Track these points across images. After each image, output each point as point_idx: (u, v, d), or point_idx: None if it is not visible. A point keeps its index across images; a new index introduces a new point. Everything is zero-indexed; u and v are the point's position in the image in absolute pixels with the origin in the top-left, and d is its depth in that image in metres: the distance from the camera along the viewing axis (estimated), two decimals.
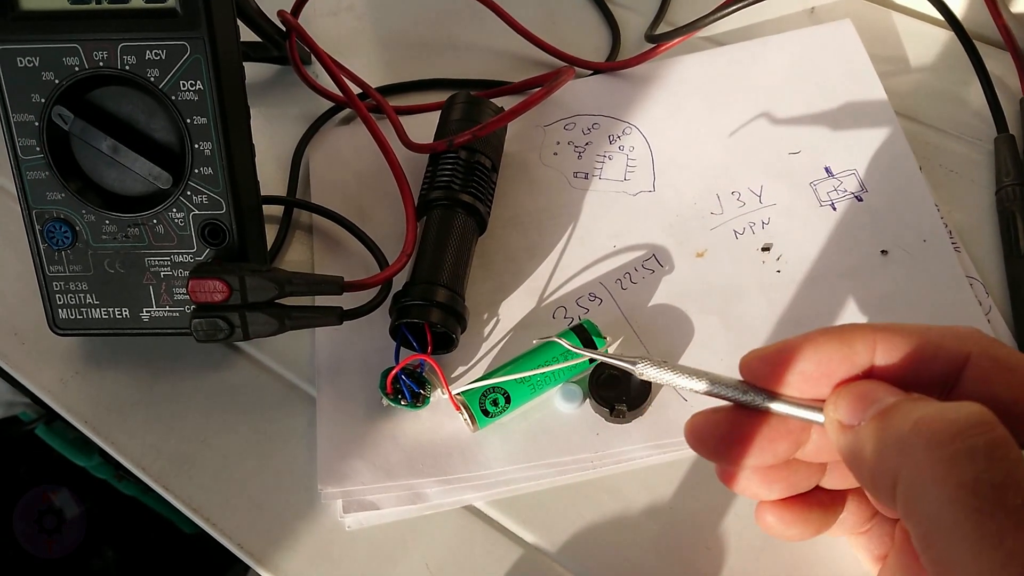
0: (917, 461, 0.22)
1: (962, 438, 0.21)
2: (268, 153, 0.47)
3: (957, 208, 0.44)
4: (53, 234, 0.37)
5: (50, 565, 0.82)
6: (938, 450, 0.22)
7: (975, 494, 0.21)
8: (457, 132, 0.42)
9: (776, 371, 0.27)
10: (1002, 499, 0.20)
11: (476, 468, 0.37)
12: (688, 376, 0.28)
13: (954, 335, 0.26)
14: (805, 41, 0.49)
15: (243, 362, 0.41)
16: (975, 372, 0.25)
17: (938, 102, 0.48)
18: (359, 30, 0.54)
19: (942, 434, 0.22)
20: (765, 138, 0.46)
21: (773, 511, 0.30)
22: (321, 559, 0.35)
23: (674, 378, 0.29)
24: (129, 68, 0.35)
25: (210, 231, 0.37)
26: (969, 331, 0.26)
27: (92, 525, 0.86)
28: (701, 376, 0.28)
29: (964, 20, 0.48)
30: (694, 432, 0.29)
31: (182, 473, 0.38)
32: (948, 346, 0.26)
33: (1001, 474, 0.21)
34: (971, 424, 0.22)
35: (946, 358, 0.26)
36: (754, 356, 0.28)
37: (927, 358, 0.26)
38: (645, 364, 0.29)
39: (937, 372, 0.26)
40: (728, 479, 0.30)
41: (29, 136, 0.36)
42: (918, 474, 0.22)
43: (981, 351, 0.25)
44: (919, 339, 0.26)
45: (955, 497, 0.21)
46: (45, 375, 0.41)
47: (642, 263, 0.42)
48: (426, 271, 0.39)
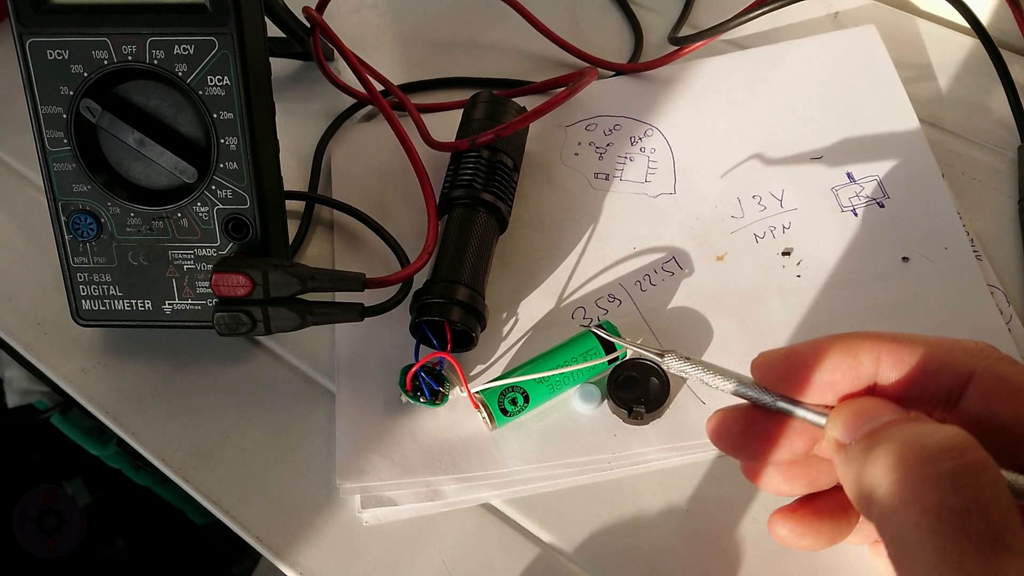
0: (889, 483, 0.23)
1: (932, 463, 0.22)
2: (290, 149, 0.48)
3: (979, 216, 0.44)
4: (78, 226, 0.38)
5: (50, 565, 0.82)
6: (909, 474, 0.22)
7: (938, 519, 0.21)
8: (479, 131, 0.42)
9: (784, 375, 0.28)
10: (964, 525, 0.21)
11: (493, 466, 0.37)
12: (711, 373, 0.30)
13: (962, 349, 0.26)
14: (829, 46, 0.49)
15: (264, 356, 0.41)
16: (978, 389, 0.26)
17: (962, 109, 0.48)
18: (382, 27, 0.54)
19: (913, 460, 0.22)
20: (787, 142, 0.46)
21: (785, 522, 0.30)
22: (339, 553, 0.36)
23: (697, 373, 0.30)
24: (157, 62, 0.35)
25: (234, 225, 0.37)
26: (977, 346, 0.26)
27: (103, 514, 0.86)
28: (723, 374, 0.29)
29: (989, 27, 0.48)
30: (714, 428, 0.30)
31: (202, 465, 0.38)
32: (954, 361, 0.26)
33: (965, 500, 0.21)
34: (943, 449, 0.22)
35: (951, 373, 0.26)
36: (764, 359, 0.28)
37: (932, 372, 0.26)
38: (671, 357, 0.31)
39: (942, 386, 0.26)
40: (751, 475, 0.31)
41: (57, 128, 0.36)
42: (889, 496, 0.23)
43: (986, 368, 0.26)
44: (925, 352, 0.26)
45: (919, 522, 0.22)
46: (67, 365, 0.41)
47: (662, 265, 0.42)
48: (447, 269, 0.39)
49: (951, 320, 0.39)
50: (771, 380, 0.28)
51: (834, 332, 0.39)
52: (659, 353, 0.31)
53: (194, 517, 0.84)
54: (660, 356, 0.31)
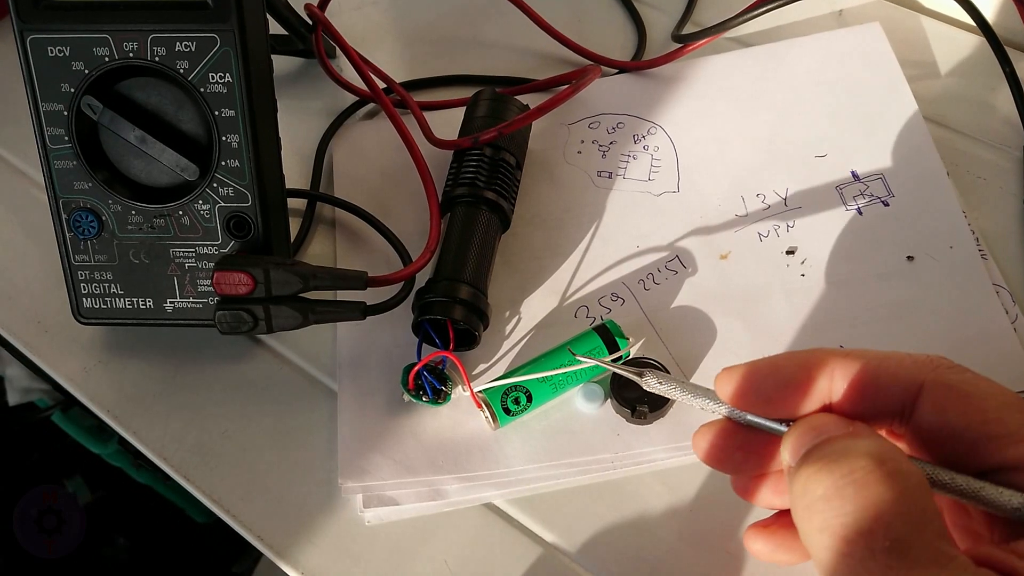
0: (804, 505, 0.23)
1: (841, 482, 0.23)
2: (292, 146, 0.47)
3: (984, 215, 0.43)
4: (79, 223, 0.37)
5: (50, 564, 0.82)
6: (819, 494, 0.23)
7: (845, 541, 0.22)
8: (482, 129, 0.42)
9: (744, 391, 0.28)
10: (869, 544, 0.21)
11: (496, 466, 0.37)
12: (687, 392, 0.30)
13: (912, 362, 0.27)
14: (833, 44, 0.49)
15: (265, 355, 0.41)
16: (929, 399, 0.26)
17: (967, 108, 0.48)
18: (384, 24, 0.54)
19: (825, 480, 0.23)
20: (791, 141, 0.46)
21: (759, 537, 0.31)
22: (340, 553, 0.35)
23: (675, 392, 0.30)
24: (159, 59, 0.35)
25: (235, 223, 0.37)
26: (927, 359, 0.27)
27: (104, 513, 0.86)
28: (695, 391, 0.30)
29: (995, 25, 0.47)
30: (697, 442, 0.30)
31: (203, 464, 0.38)
32: (903, 375, 0.26)
33: (869, 519, 0.22)
34: (853, 468, 0.23)
35: (901, 386, 0.26)
36: (725, 376, 0.29)
37: (883, 386, 0.26)
38: (650, 375, 0.31)
39: (894, 400, 0.26)
40: (740, 491, 0.31)
41: (58, 125, 0.36)
42: (806, 518, 0.23)
43: (935, 379, 0.26)
44: (874, 366, 0.27)
45: (829, 545, 0.22)
46: (68, 364, 0.41)
47: (665, 264, 0.42)
48: (449, 268, 0.39)
49: (956, 320, 0.39)
50: (732, 395, 0.28)
51: (839, 331, 0.40)
52: (638, 374, 0.31)
53: (195, 516, 0.84)
54: (639, 376, 0.31)
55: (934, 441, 0.26)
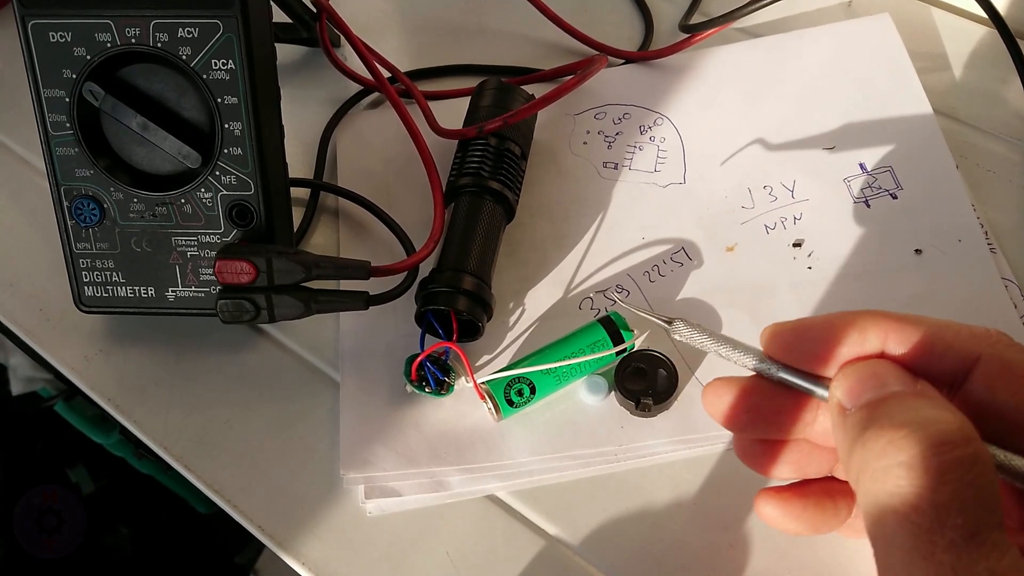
0: (877, 468, 0.23)
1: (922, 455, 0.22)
2: (295, 135, 0.47)
3: (993, 208, 0.43)
4: (81, 211, 0.37)
5: (51, 563, 0.82)
6: (897, 461, 0.22)
7: (916, 511, 0.21)
8: (487, 119, 0.42)
9: (792, 346, 0.28)
10: (941, 519, 0.21)
11: (499, 458, 0.36)
12: (717, 341, 0.29)
13: (970, 334, 0.26)
14: (842, 35, 0.48)
15: (267, 344, 0.41)
16: (983, 373, 0.25)
17: (977, 100, 0.47)
18: (389, 13, 0.54)
19: (905, 449, 0.22)
20: (799, 132, 0.45)
21: (770, 501, 0.30)
22: (342, 544, 0.35)
23: (704, 341, 0.30)
24: (161, 45, 0.35)
25: (238, 212, 0.37)
26: (986, 332, 0.26)
27: (106, 503, 0.86)
28: (728, 342, 0.29)
29: (1006, 16, 0.47)
30: (708, 394, 0.30)
31: (204, 454, 0.38)
32: (960, 344, 0.26)
33: (945, 495, 0.21)
34: (935, 443, 0.22)
35: (957, 356, 0.26)
36: (774, 329, 0.28)
37: (938, 353, 0.26)
38: (680, 323, 0.30)
39: (947, 368, 0.26)
40: (740, 451, 0.31)
41: (59, 112, 0.36)
42: (875, 480, 0.23)
43: (993, 353, 0.25)
44: (932, 332, 0.26)
45: (897, 510, 0.22)
46: (70, 352, 0.41)
47: (671, 256, 0.42)
48: (453, 258, 0.39)
49: (964, 313, 0.39)
50: (778, 350, 0.28)
51: None
52: (667, 320, 0.31)
53: (197, 506, 0.84)
54: (668, 323, 0.31)
55: (979, 416, 0.25)
